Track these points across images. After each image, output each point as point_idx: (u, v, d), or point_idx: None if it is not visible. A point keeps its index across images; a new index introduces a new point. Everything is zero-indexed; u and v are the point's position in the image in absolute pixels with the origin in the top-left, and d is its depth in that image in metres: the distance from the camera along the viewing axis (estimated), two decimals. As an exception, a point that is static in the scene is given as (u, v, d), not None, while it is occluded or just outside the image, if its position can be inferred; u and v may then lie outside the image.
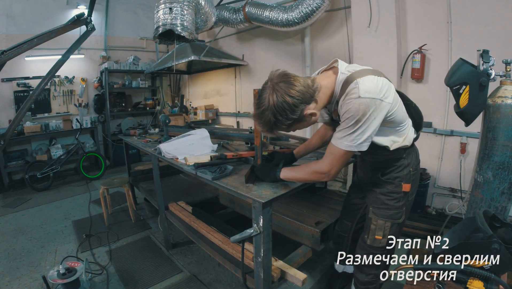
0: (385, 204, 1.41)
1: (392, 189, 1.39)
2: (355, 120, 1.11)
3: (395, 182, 1.38)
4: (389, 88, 1.16)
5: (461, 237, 1.20)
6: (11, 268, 2.45)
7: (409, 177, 1.38)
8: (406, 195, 1.39)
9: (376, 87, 1.11)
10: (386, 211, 1.41)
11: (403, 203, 1.40)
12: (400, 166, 1.37)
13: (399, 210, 1.40)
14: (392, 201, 1.40)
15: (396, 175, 1.38)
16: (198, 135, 2.38)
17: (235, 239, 1.44)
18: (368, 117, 1.10)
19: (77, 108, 5.56)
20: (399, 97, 1.27)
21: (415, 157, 1.41)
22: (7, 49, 2.34)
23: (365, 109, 1.09)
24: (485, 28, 2.63)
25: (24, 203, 4.02)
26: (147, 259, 2.55)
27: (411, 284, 1.15)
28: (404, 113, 1.28)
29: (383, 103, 1.12)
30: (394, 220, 1.41)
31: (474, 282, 1.06)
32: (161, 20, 2.77)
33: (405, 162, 1.36)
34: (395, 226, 1.43)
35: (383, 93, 1.12)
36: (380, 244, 1.44)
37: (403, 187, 1.37)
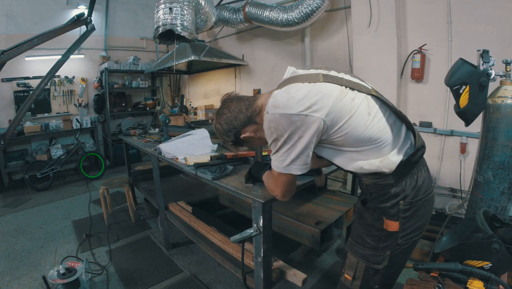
0: (361, 238, 1.10)
1: (372, 222, 1.06)
2: (272, 139, 0.99)
3: (375, 215, 1.05)
4: (325, 96, 0.93)
5: (461, 237, 1.20)
6: (11, 268, 2.46)
7: (396, 211, 1.00)
8: (391, 236, 1.03)
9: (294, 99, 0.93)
10: (361, 247, 1.10)
11: (386, 245, 1.04)
12: (384, 195, 1.02)
13: (379, 252, 1.05)
14: (369, 237, 1.07)
15: (377, 206, 1.04)
16: (198, 135, 2.39)
17: (235, 239, 1.44)
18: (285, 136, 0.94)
19: (77, 108, 5.56)
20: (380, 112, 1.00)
21: (411, 186, 1.01)
22: (7, 49, 2.35)
23: (276, 126, 0.95)
24: (485, 28, 2.63)
25: (24, 203, 4.03)
26: (147, 259, 2.55)
27: (411, 284, 1.15)
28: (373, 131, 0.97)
29: (308, 118, 0.92)
30: (369, 263, 1.07)
31: (474, 282, 1.06)
32: (161, 20, 2.77)
33: (391, 190, 1.00)
34: (371, 271, 1.08)
35: (307, 106, 0.92)
36: (351, 286, 1.13)
37: (385, 224, 1.02)
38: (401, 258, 1.11)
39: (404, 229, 1.03)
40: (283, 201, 1.20)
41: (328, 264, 2.41)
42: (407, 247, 1.08)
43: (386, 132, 0.99)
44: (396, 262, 1.09)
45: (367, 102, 0.99)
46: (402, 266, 1.17)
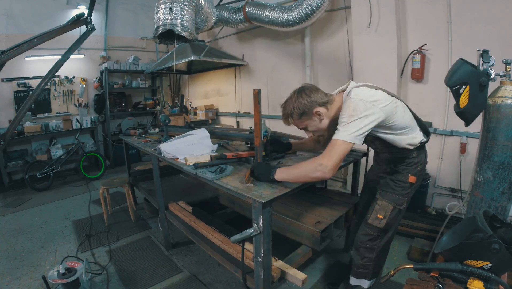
0: (392, 189, 1.64)
1: (401, 178, 1.62)
2: (347, 115, 1.35)
3: (403, 173, 1.62)
4: (383, 99, 1.42)
5: (461, 237, 1.20)
6: (11, 268, 2.46)
7: (416, 171, 1.62)
8: (411, 186, 1.62)
9: (367, 94, 1.40)
10: (392, 194, 1.63)
11: (407, 192, 1.62)
12: (410, 162, 1.62)
13: (403, 197, 1.62)
14: (398, 188, 1.62)
15: (405, 168, 1.62)
16: (198, 135, 2.38)
17: (235, 239, 1.44)
18: (358, 113, 1.34)
19: (77, 108, 5.56)
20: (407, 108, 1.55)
21: (424, 157, 1.67)
22: (7, 49, 2.34)
23: (355, 106, 1.35)
24: (485, 28, 2.63)
25: (24, 203, 4.03)
26: (147, 259, 2.55)
27: (411, 284, 1.15)
28: (408, 121, 1.52)
29: (374, 108, 1.36)
30: (396, 204, 1.62)
31: (474, 282, 1.06)
32: (161, 20, 2.76)
33: (415, 160, 1.62)
34: (395, 211, 1.63)
35: (374, 100, 1.38)
36: (379, 224, 1.65)
37: (409, 178, 1.61)
38: (408, 200, 1.67)
39: (417, 181, 1.64)
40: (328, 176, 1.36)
41: (328, 264, 2.41)
42: (411, 195, 1.68)
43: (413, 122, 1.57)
44: (407, 203, 1.67)
45: (402, 105, 1.52)
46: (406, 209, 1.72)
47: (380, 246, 1.71)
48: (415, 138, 1.57)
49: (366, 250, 1.71)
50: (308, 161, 1.41)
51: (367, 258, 1.72)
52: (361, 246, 1.72)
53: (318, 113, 1.50)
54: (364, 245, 1.71)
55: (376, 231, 1.67)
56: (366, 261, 1.72)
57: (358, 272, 1.77)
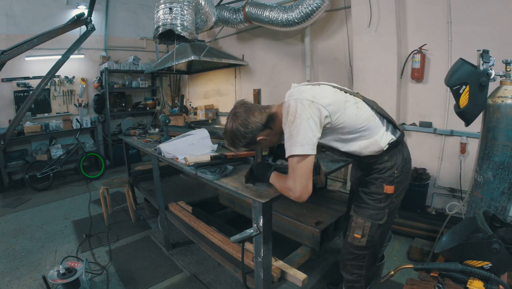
0: (366, 203, 1.42)
1: (374, 189, 1.40)
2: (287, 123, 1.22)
3: (376, 183, 1.39)
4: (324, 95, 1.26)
5: (461, 237, 1.20)
6: (11, 268, 2.46)
7: (392, 179, 1.36)
8: (389, 197, 1.38)
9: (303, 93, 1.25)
10: (366, 210, 1.42)
11: (385, 205, 1.39)
12: (382, 169, 1.37)
13: (380, 210, 1.40)
14: (373, 201, 1.40)
15: (378, 176, 1.38)
16: (198, 135, 2.39)
17: (235, 239, 1.44)
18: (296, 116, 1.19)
19: (77, 108, 5.56)
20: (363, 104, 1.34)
21: (400, 159, 1.38)
22: (7, 49, 2.34)
23: (289, 110, 1.22)
24: (485, 28, 2.63)
25: (24, 203, 4.02)
26: (147, 259, 2.55)
27: (411, 284, 1.15)
28: (363, 120, 1.30)
29: (312, 105, 1.20)
30: (374, 220, 1.41)
31: (474, 282, 1.06)
32: (161, 20, 2.76)
33: (387, 164, 1.36)
34: (375, 227, 1.42)
35: (311, 96, 1.22)
36: (360, 243, 1.45)
37: (385, 188, 1.37)
38: (393, 214, 1.49)
39: (396, 190, 1.38)
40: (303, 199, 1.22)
41: (328, 264, 2.41)
42: (396, 204, 1.46)
43: (372, 121, 1.33)
44: (390, 217, 1.47)
45: (355, 101, 1.33)
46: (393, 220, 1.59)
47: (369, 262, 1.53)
48: (379, 141, 1.32)
49: (353, 267, 1.54)
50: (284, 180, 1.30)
51: (356, 274, 1.55)
52: (348, 263, 1.55)
53: (263, 139, 1.37)
54: (350, 263, 1.54)
55: (359, 249, 1.48)
56: (356, 276, 1.55)
57: (351, 286, 1.60)
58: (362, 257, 1.50)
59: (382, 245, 1.67)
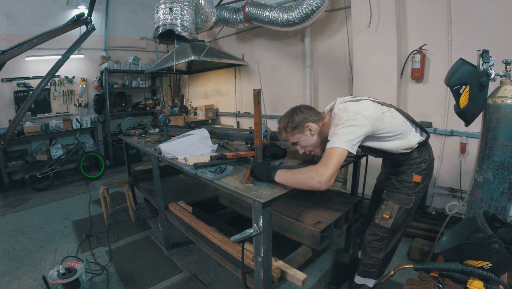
0: (397, 188, 1.65)
1: (405, 178, 1.63)
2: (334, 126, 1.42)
3: (407, 172, 1.63)
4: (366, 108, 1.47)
5: (461, 237, 1.20)
6: (11, 268, 2.46)
7: (420, 170, 1.61)
8: (417, 185, 1.61)
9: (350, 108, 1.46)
10: (397, 194, 1.64)
11: (413, 192, 1.62)
12: (413, 163, 1.62)
13: (409, 196, 1.62)
14: (404, 187, 1.63)
15: (409, 168, 1.63)
16: (198, 135, 2.38)
17: (235, 239, 1.44)
18: (344, 122, 1.39)
19: (77, 108, 5.56)
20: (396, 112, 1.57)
21: (428, 155, 1.64)
22: (7, 49, 2.34)
23: (340, 117, 1.42)
24: (485, 28, 2.63)
25: (24, 203, 4.02)
26: (147, 259, 2.55)
27: (411, 284, 1.15)
28: (398, 126, 1.53)
29: (358, 116, 1.41)
30: (402, 204, 1.62)
31: (474, 282, 1.06)
32: (161, 20, 2.76)
33: (417, 160, 1.61)
34: (402, 211, 1.63)
35: (356, 109, 1.44)
36: (386, 224, 1.65)
37: (414, 177, 1.61)
38: (417, 202, 1.68)
39: (423, 181, 1.63)
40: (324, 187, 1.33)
41: (328, 264, 2.41)
42: (421, 195, 1.69)
43: (404, 126, 1.57)
44: (415, 205, 1.67)
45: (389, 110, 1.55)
46: (416, 209, 1.74)
47: (388, 247, 1.72)
48: (410, 141, 1.57)
49: (373, 250, 1.72)
50: (306, 168, 1.40)
51: (375, 258, 1.72)
52: (368, 246, 1.73)
53: (309, 128, 1.58)
54: (371, 245, 1.72)
55: (383, 231, 1.67)
56: (374, 260, 1.73)
57: (365, 271, 1.77)
58: (383, 239, 1.69)
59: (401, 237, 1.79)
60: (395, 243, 1.76)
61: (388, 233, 1.68)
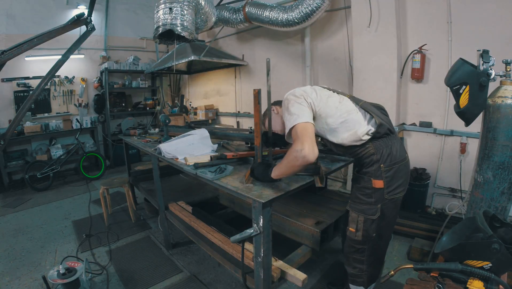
0: (357, 198, 1.50)
1: (364, 184, 1.47)
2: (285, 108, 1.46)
3: (365, 178, 1.46)
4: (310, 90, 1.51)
5: (461, 237, 1.20)
6: (11, 268, 2.46)
7: (379, 173, 1.42)
8: (378, 192, 1.42)
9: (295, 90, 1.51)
10: (358, 204, 1.49)
11: (376, 200, 1.43)
12: (369, 162, 1.45)
13: (372, 205, 1.44)
14: (363, 195, 1.47)
15: (365, 170, 1.46)
16: (198, 135, 2.38)
17: (235, 239, 1.44)
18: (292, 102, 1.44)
19: (77, 108, 5.56)
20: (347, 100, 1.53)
21: (387, 154, 1.43)
22: (7, 49, 2.34)
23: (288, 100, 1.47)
24: (485, 28, 2.63)
25: (24, 203, 4.02)
26: (147, 259, 2.55)
27: (411, 284, 1.15)
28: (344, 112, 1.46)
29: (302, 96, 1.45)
30: (366, 215, 1.46)
31: (474, 282, 1.06)
32: (161, 20, 2.76)
33: (373, 157, 1.44)
34: (369, 222, 1.47)
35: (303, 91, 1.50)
36: (356, 237, 1.51)
37: (373, 183, 1.42)
38: (390, 211, 1.48)
39: (389, 186, 1.42)
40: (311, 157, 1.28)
41: (328, 264, 2.41)
42: (394, 202, 1.47)
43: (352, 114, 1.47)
44: (387, 215, 1.47)
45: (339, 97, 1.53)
46: (393, 220, 1.58)
47: (370, 257, 1.58)
48: (358, 131, 1.44)
49: (355, 261, 1.61)
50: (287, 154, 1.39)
51: (358, 268, 1.61)
52: (349, 257, 1.63)
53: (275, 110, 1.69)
54: (351, 256, 1.61)
55: (356, 243, 1.54)
56: (358, 271, 1.62)
57: (353, 280, 1.68)
58: (361, 251, 1.54)
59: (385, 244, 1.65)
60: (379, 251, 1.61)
61: (363, 245, 1.53)
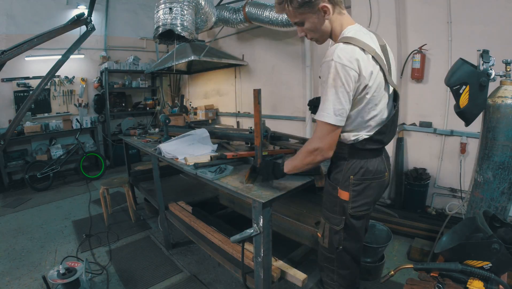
0: (325, 203, 1.35)
1: (330, 190, 1.30)
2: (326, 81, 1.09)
3: (333, 183, 1.29)
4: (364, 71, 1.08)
5: (461, 237, 1.20)
6: (11, 268, 2.46)
7: (347, 184, 1.23)
8: (343, 203, 1.25)
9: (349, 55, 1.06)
10: (325, 211, 1.34)
11: (340, 210, 1.26)
12: (340, 170, 1.26)
13: (336, 216, 1.27)
14: (329, 202, 1.31)
15: (334, 176, 1.29)
16: (198, 135, 2.39)
17: (235, 239, 1.44)
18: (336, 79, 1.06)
19: (77, 108, 5.56)
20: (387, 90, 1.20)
21: (358, 167, 1.22)
22: (7, 49, 2.34)
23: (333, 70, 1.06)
24: (485, 28, 2.63)
25: (24, 203, 4.02)
26: (147, 259, 2.55)
27: (411, 284, 1.15)
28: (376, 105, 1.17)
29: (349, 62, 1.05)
30: (331, 223, 1.29)
31: (474, 282, 1.06)
32: (161, 20, 2.77)
33: (344, 165, 1.25)
34: (333, 232, 1.30)
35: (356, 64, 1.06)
36: (323, 243, 1.36)
37: (338, 192, 1.25)
38: (356, 228, 1.28)
39: (354, 201, 1.23)
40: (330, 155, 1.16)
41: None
42: (359, 219, 1.27)
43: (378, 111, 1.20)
44: (352, 230, 1.28)
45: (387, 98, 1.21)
46: (361, 238, 1.35)
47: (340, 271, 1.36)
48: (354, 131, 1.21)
49: (326, 268, 1.42)
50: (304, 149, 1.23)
51: (330, 277, 1.42)
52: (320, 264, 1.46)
53: (324, 9, 1.13)
54: (323, 263, 1.43)
55: (325, 250, 1.36)
56: (330, 279, 1.43)
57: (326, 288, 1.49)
58: (330, 260, 1.37)
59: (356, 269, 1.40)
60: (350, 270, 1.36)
61: (331, 254, 1.34)
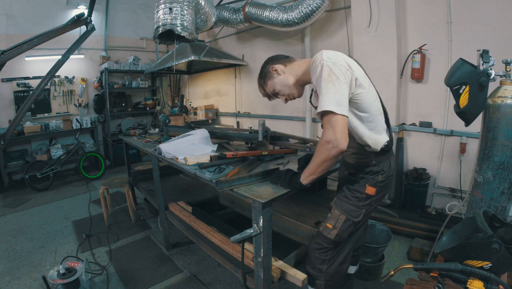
0: (347, 198, 1.45)
1: (357, 187, 1.43)
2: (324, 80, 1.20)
3: (360, 182, 1.42)
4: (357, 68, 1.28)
5: (461, 237, 1.20)
6: (11, 268, 2.46)
7: (375, 182, 1.40)
8: (369, 198, 1.41)
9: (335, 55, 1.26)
10: (346, 204, 1.44)
11: (364, 204, 1.42)
12: (370, 171, 1.41)
13: (358, 208, 1.42)
14: (354, 198, 1.43)
15: (364, 176, 1.42)
16: (198, 135, 2.39)
17: (235, 239, 1.44)
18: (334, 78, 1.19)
19: (77, 108, 5.56)
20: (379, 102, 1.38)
21: (387, 166, 1.41)
22: (7, 49, 2.34)
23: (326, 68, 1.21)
24: (485, 28, 2.63)
25: (24, 203, 4.03)
26: (147, 259, 2.55)
27: (411, 284, 1.15)
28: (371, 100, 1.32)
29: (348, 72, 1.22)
30: (350, 216, 1.42)
31: (474, 282, 1.06)
32: (161, 20, 2.77)
33: (375, 168, 1.40)
34: (348, 223, 1.43)
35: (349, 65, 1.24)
36: (329, 234, 1.45)
37: (367, 189, 1.40)
38: (367, 217, 1.51)
39: (377, 194, 1.42)
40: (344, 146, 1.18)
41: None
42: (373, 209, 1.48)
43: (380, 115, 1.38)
44: (364, 219, 1.48)
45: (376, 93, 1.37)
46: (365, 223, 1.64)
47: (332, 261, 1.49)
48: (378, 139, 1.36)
49: (316, 260, 1.51)
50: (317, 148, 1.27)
51: (318, 269, 1.51)
52: (311, 254, 1.54)
53: (274, 69, 1.52)
54: (314, 254, 1.52)
55: (326, 242, 1.46)
56: (317, 271, 1.51)
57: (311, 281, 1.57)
58: (326, 250, 1.48)
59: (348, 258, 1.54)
60: (341, 260, 1.52)
61: (331, 245, 1.47)
